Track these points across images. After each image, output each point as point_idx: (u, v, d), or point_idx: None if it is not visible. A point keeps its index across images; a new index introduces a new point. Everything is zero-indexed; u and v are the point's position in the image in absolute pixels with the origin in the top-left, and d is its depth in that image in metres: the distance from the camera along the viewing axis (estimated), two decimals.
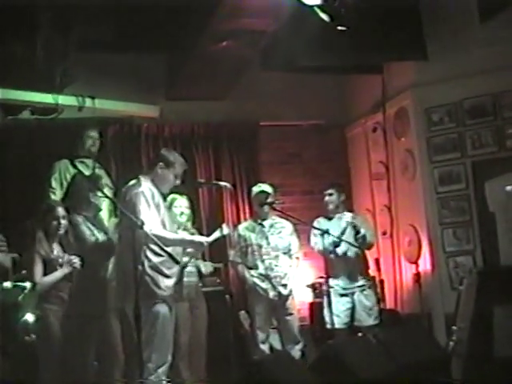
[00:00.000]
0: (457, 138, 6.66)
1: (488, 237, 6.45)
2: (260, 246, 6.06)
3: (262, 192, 6.12)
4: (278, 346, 6.20)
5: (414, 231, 6.82)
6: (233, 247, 6.22)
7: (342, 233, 6.08)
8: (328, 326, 6.05)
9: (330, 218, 6.33)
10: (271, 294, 5.98)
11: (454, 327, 5.29)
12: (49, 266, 4.72)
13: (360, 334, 5.97)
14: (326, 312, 6.04)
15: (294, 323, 6.10)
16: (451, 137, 6.68)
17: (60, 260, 4.74)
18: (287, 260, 6.10)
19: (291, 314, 6.08)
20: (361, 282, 6.16)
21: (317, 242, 6.12)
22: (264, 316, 6.01)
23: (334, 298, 6.11)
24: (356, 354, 4.72)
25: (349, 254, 6.15)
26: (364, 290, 6.15)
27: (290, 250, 6.14)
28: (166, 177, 4.89)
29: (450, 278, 6.55)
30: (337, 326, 6.05)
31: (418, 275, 6.68)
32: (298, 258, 6.22)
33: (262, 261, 6.03)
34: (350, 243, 6.05)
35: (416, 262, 6.77)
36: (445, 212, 6.68)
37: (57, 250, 4.83)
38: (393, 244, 7.05)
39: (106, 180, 6.02)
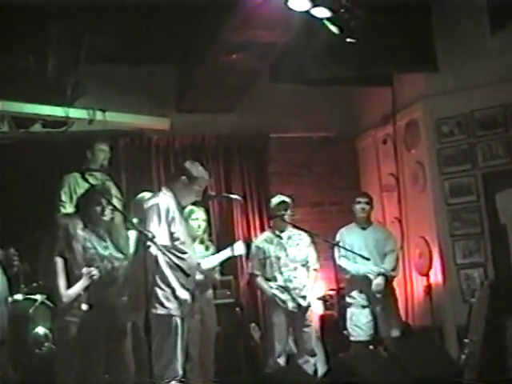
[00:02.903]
0: (467, 150, 6.63)
1: (500, 249, 6.41)
2: (279, 258, 6.03)
3: (283, 202, 6.10)
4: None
5: (425, 243, 6.79)
6: (251, 259, 6.19)
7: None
8: (351, 338, 6.07)
9: (363, 228, 6.36)
10: (290, 305, 5.94)
11: (466, 340, 5.27)
12: (70, 279, 4.73)
13: (371, 347, 5.96)
14: (348, 324, 6.10)
15: (312, 335, 6.07)
16: (462, 148, 6.66)
17: (76, 272, 4.74)
18: (305, 272, 6.08)
19: (309, 326, 6.05)
20: (383, 294, 6.14)
21: (339, 257, 6.16)
22: (283, 328, 5.97)
23: (356, 310, 6.12)
24: (367, 367, 4.70)
25: (371, 266, 6.17)
26: (386, 301, 6.15)
27: (307, 262, 6.12)
28: (187, 191, 4.83)
29: (462, 291, 6.51)
30: (359, 338, 6.08)
31: (429, 287, 6.65)
32: (315, 269, 6.19)
33: (281, 273, 6.01)
34: (364, 257, 6.03)
35: (427, 275, 6.74)
36: (456, 224, 6.64)
37: (77, 261, 4.82)
38: (404, 256, 7.01)
39: (115, 192, 6.02)
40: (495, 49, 6.32)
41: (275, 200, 6.18)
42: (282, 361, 5.94)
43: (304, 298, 5.98)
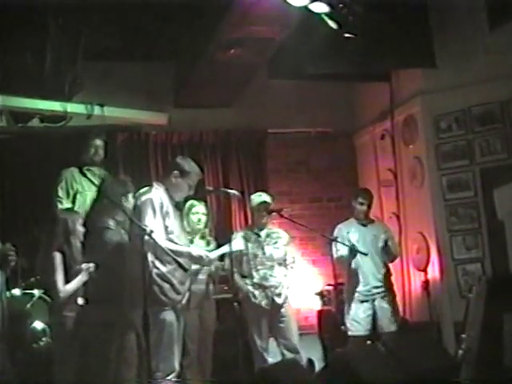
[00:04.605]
0: (465, 145, 6.64)
1: (497, 244, 6.40)
2: (255, 256, 5.98)
3: (264, 202, 6.05)
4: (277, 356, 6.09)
5: (423, 239, 6.80)
6: (228, 257, 6.15)
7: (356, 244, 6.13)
8: (349, 333, 6.10)
9: (364, 225, 6.36)
10: (264, 302, 5.91)
11: (464, 335, 5.27)
12: (68, 274, 4.75)
13: (369, 342, 5.96)
14: (346, 319, 6.13)
15: (292, 332, 5.98)
16: (460, 144, 6.66)
17: (78, 267, 4.76)
18: (282, 270, 6.06)
19: (289, 323, 5.98)
20: (382, 289, 6.18)
21: (336, 250, 6.14)
22: (259, 324, 5.92)
23: (355, 305, 6.13)
24: (365, 363, 4.70)
25: (370, 261, 6.18)
26: (385, 296, 6.18)
27: (285, 260, 6.10)
28: (179, 186, 4.87)
29: (459, 286, 6.52)
30: (358, 332, 6.09)
31: (426, 283, 6.65)
32: (292, 267, 6.15)
33: (257, 270, 5.97)
34: (361, 252, 6.06)
35: (425, 270, 6.74)
36: (453, 219, 6.65)
37: (75, 256, 4.85)
38: (401, 251, 7.01)
39: None
40: (493, 45, 6.31)
41: (256, 199, 6.09)
42: (266, 356, 5.89)
43: (279, 295, 5.95)
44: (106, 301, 4.66)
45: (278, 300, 5.95)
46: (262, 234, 6.10)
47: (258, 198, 6.11)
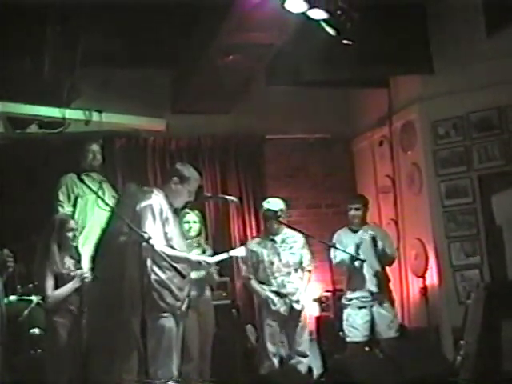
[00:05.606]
0: (463, 152, 6.64)
1: (495, 250, 6.40)
2: (272, 263, 6.02)
3: (268, 210, 6.07)
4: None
5: (421, 245, 6.80)
6: (244, 263, 6.17)
7: (357, 249, 6.10)
8: (347, 339, 6.09)
9: (355, 231, 6.35)
10: (282, 308, 5.94)
11: (462, 341, 5.27)
12: (59, 280, 4.74)
13: (367, 349, 5.96)
14: (344, 325, 6.11)
15: (305, 337, 6.06)
16: (458, 150, 6.67)
17: (72, 273, 4.76)
18: (299, 274, 6.09)
19: (301, 328, 6.03)
20: (380, 295, 6.18)
21: (336, 255, 6.13)
22: (275, 329, 5.96)
23: (352, 311, 6.13)
24: (363, 369, 4.70)
25: (367, 267, 6.17)
26: (383, 302, 6.17)
27: (301, 264, 6.12)
28: (179, 192, 4.88)
29: (457, 292, 6.52)
30: (356, 339, 6.08)
31: (424, 289, 6.65)
32: (309, 271, 6.18)
33: (275, 278, 6.00)
34: (359, 259, 6.06)
35: (423, 276, 6.74)
36: (451, 226, 6.65)
37: (68, 263, 4.85)
38: (400, 258, 7.01)
39: (112, 193, 6.04)
40: (491, 51, 6.32)
41: (264, 206, 6.12)
42: (276, 361, 5.93)
43: (297, 302, 5.99)
44: (105, 306, 4.66)
45: (297, 306, 5.99)
46: (278, 239, 6.11)
47: (266, 204, 6.12)
